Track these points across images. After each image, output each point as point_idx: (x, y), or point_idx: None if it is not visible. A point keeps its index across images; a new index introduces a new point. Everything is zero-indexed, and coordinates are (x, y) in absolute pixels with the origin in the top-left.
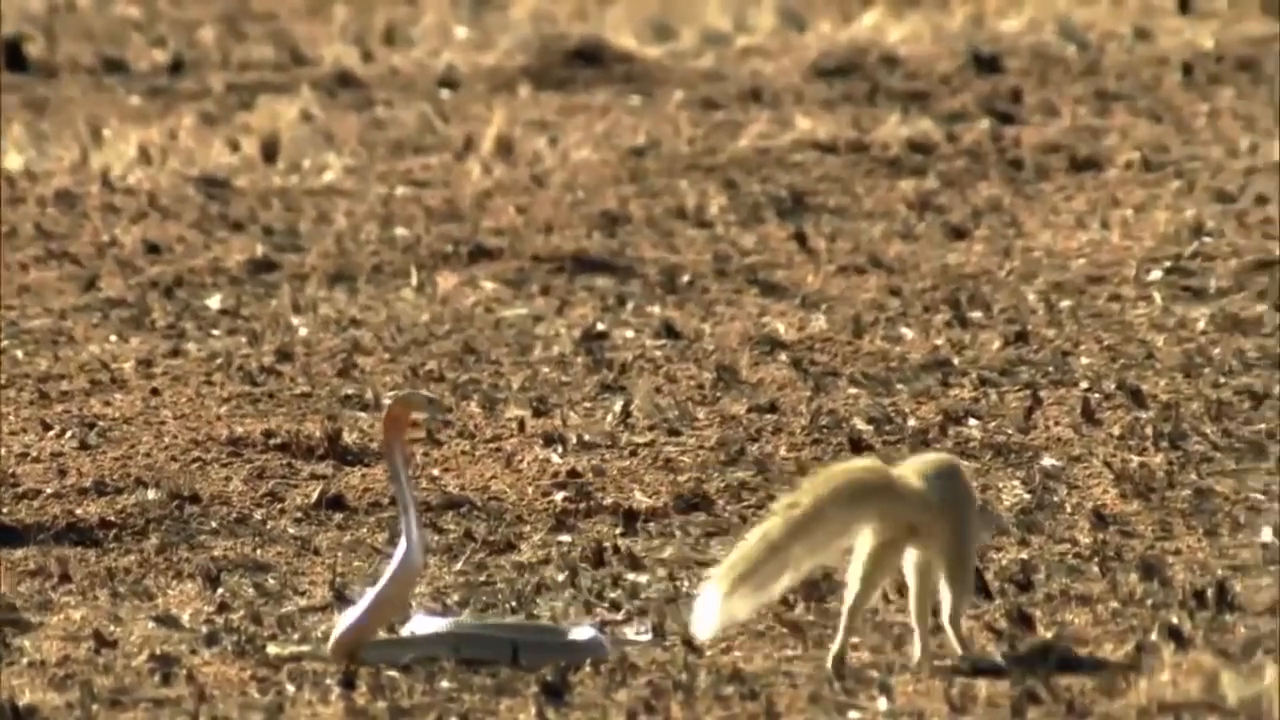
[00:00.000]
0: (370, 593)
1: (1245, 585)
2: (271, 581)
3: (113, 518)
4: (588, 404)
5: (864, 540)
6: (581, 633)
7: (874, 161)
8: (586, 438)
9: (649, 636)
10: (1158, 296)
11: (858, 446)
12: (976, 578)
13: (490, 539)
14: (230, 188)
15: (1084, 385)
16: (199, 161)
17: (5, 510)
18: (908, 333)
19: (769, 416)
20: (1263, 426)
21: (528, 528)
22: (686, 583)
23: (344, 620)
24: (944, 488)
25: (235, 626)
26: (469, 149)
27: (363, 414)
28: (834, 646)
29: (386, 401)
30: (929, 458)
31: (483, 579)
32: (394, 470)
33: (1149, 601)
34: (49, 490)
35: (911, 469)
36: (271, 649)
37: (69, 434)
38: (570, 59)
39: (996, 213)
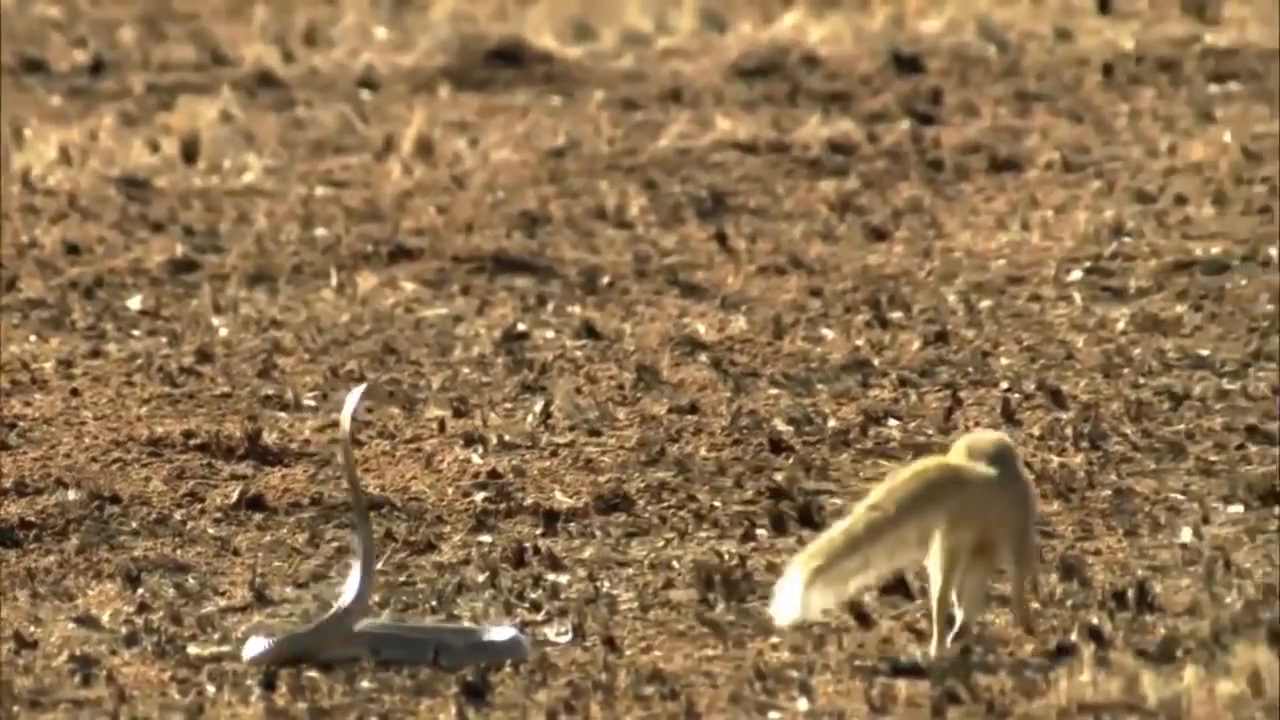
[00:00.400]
0: (305, 626)
1: (1165, 586)
2: (191, 582)
3: (33, 518)
4: (508, 404)
5: (939, 531)
6: (501, 633)
7: (794, 162)
8: (507, 438)
9: (569, 637)
10: (1077, 297)
11: (777, 448)
12: (898, 579)
13: (410, 539)
14: (150, 188)
15: (1004, 386)
16: (119, 162)
17: None
18: (828, 333)
19: (689, 417)
20: (1182, 427)
21: (448, 528)
22: (607, 583)
23: (264, 643)
24: (1006, 468)
25: (155, 627)
26: (389, 149)
27: (283, 414)
28: (932, 645)
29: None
30: (983, 438)
31: (403, 579)
32: (357, 496)
33: (1069, 602)
34: None
35: (972, 453)
36: (192, 649)
37: None
38: (490, 59)
39: (917, 213)
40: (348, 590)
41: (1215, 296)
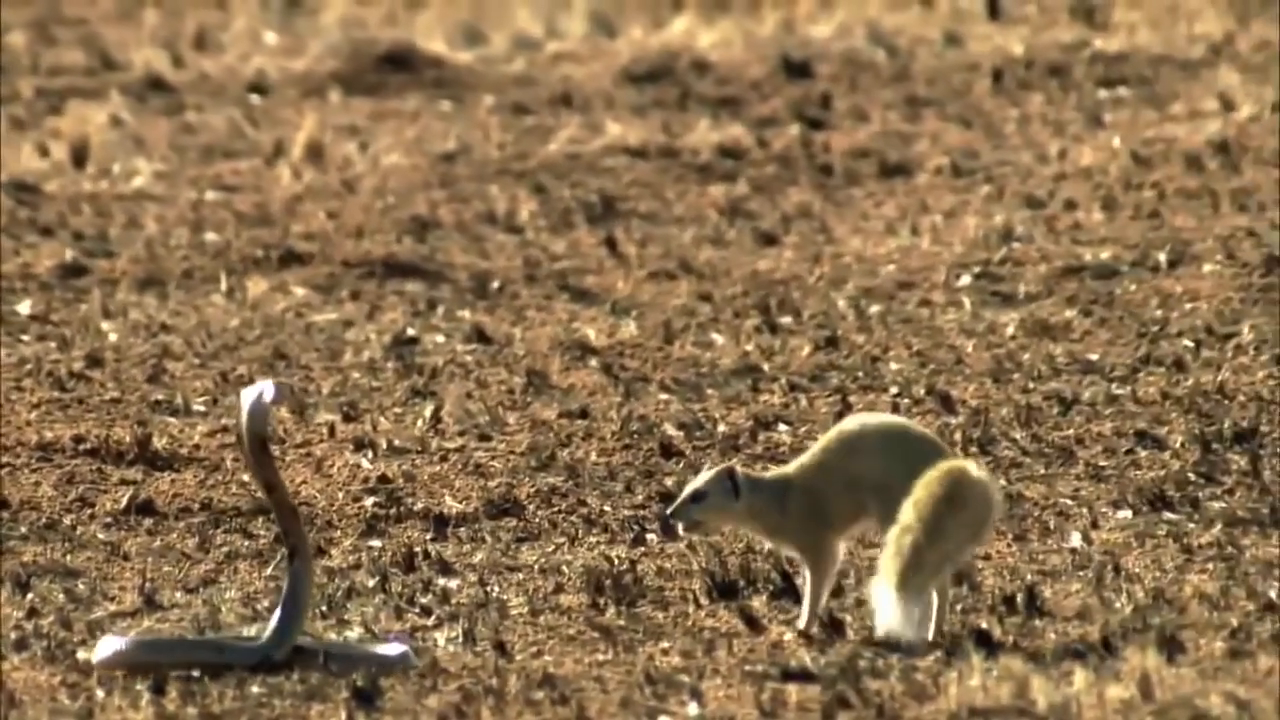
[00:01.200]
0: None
1: (1055, 590)
2: (82, 587)
3: None
4: (398, 409)
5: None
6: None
7: (684, 167)
8: (397, 443)
9: (404, 648)
10: (967, 302)
11: (668, 452)
12: (788, 583)
13: None
14: (40, 193)
15: (894, 390)
16: (8, 166)
17: None
18: (718, 338)
19: (580, 422)
20: (1071, 432)
21: (338, 533)
22: (497, 588)
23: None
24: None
25: (45, 632)
26: (279, 154)
27: (173, 419)
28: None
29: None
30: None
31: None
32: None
33: (959, 606)
34: None
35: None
36: (82, 654)
37: None
38: (381, 64)
39: (807, 218)
40: (273, 626)
41: (1105, 301)
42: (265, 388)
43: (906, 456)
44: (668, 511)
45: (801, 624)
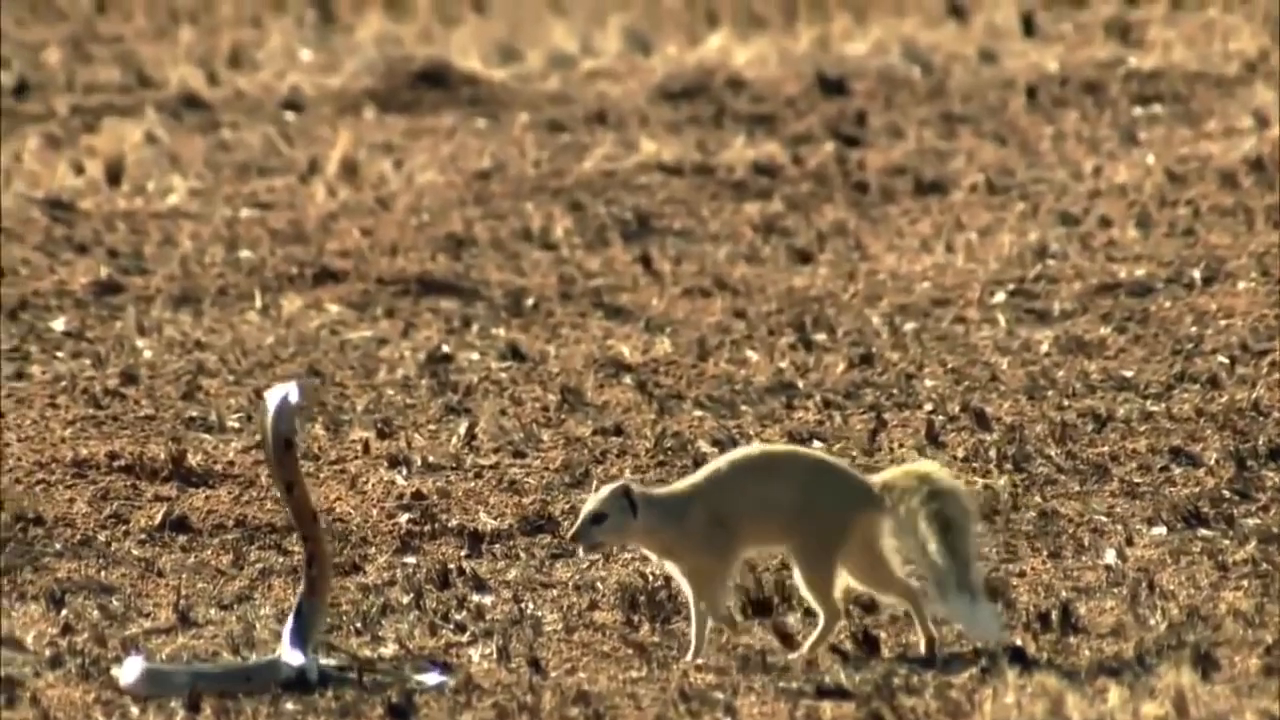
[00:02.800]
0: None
1: (1089, 607)
2: (116, 603)
3: None
4: (432, 426)
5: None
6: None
7: (719, 184)
8: (431, 459)
9: (441, 679)
10: (1002, 319)
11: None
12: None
13: (335, 561)
14: (75, 210)
15: (928, 407)
16: (43, 184)
17: None
18: (753, 355)
19: (614, 439)
20: (1106, 449)
21: (373, 549)
22: (532, 604)
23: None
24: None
25: (79, 649)
26: (314, 172)
27: (207, 436)
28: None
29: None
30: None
31: (329, 601)
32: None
33: (1006, 633)
34: None
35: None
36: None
37: None
38: (416, 81)
39: (842, 236)
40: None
41: (1139, 318)
42: (290, 389)
43: (830, 486)
44: (568, 535)
45: (689, 656)
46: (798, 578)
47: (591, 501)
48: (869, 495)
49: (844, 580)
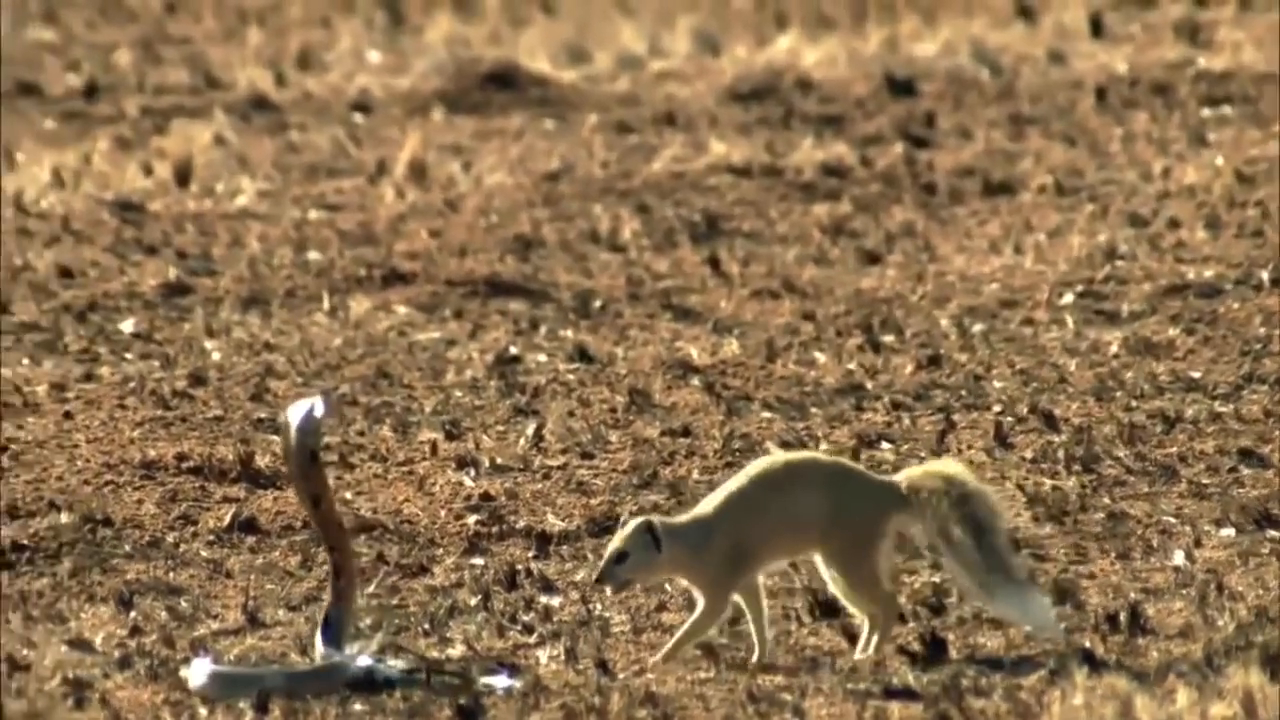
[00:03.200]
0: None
1: (1158, 609)
2: (184, 605)
3: (25, 541)
4: (500, 427)
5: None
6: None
7: (788, 186)
8: (499, 461)
9: (510, 683)
10: (1070, 320)
11: None
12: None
13: (403, 562)
14: (144, 211)
15: (997, 409)
16: (113, 185)
17: None
18: (821, 357)
19: (682, 440)
20: (1175, 450)
21: (440, 551)
22: (599, 606)
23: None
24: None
25: (148, 650)
26: (383, 173)
27: (275, 437)
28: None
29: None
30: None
31: (395, 602)
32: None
33: (1062, 625)
34: None
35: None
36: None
37: None
38: (485, 83)
39: (910, 237)
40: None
41: (1208, 320)
42: (315, 402)
43: (853, 491)
44: (594, 577)
45: (661, 655)
46: (838, 584)
47: (615, 540)
48: (897, 496)
49: (833, 580)
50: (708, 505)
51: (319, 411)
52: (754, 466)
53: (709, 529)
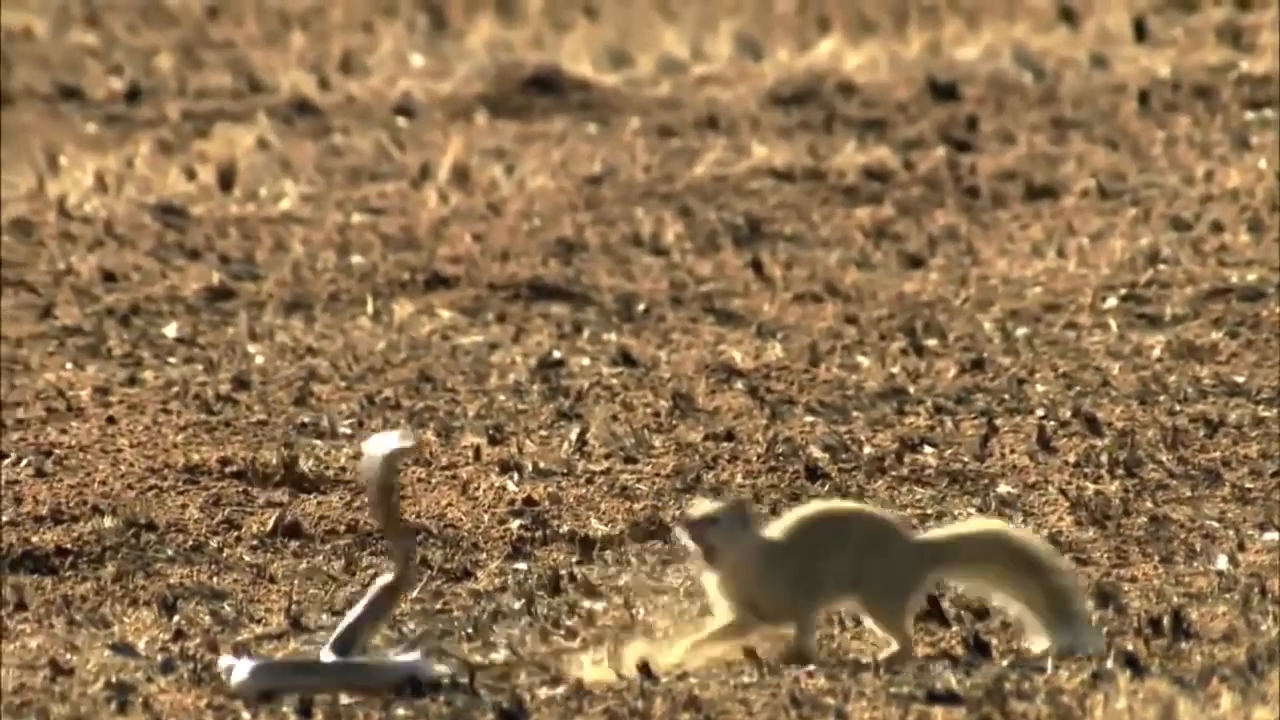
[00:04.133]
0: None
1: (1201, 613)
2: (228, 609)
3: (69, 545)
4: (544, 431)
5: None
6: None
7: (830, 189)
8: (542, 465)
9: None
10: (1113, 324)
11: (814, 475)
12: (933, 606)
13: (446, 566)
14: (187, 216)
15: (1040, 413)
16: (155, 189)
17: None
18: (864, 361)
19: (725, 444)
20: (1218, 454)
21: (484, 555)
22: (643, 610)
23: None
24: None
25: (191, 654)
26: (426, 177)
27: (319, 442)
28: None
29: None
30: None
31: (439, 607)
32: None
33: (1105, 629)
34: (5, 518)
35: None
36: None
37: (25, 462)
38: (527, 87)
39: (953, 241)
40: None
41: (1251, 323)
42: (393, 437)
43: (890, 548)
44: (679, 522)
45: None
46: (868, 622)
47: (708, 505)
48: (935, 554)
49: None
50: (773, 530)
51: (398, 445)
52: (802, 513)
53: (776, 550)
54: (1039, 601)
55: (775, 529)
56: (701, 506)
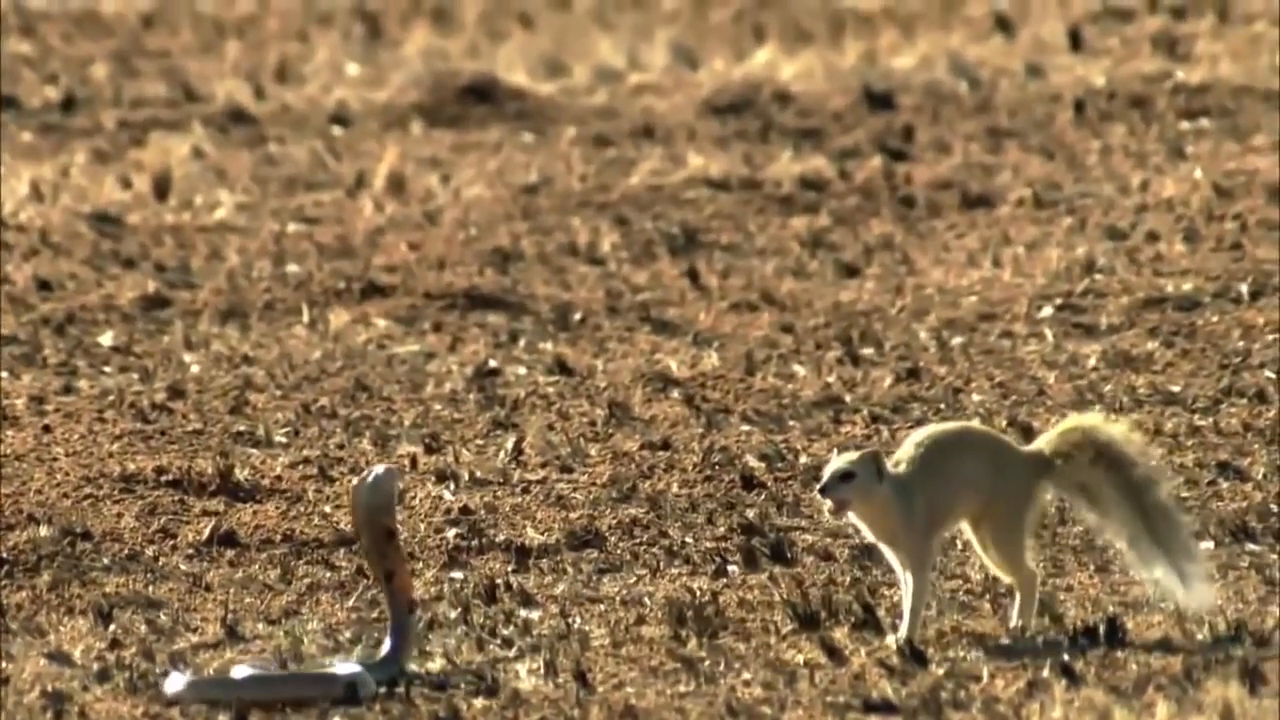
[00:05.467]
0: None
1: (1137, 622)
2: (164, 618)
3: (4, 554)
4: (480, 441)
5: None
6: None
7: (766, 199)
8: (479, 474)
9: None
10: (1049, 333)
11: (749, 484)
12: (869, 615)
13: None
14: (122, 225)
15: (976, 421)
16: (91, 198)
17: None
18: (800, 370)
19: (661, 453)
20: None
21: (420, 564)
22: (579, 619)
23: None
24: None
25: (127, 663)
26: (361, 186)
27: (255, 450)
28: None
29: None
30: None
31: (375, 615)
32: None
33: (1040, 638)
34: None
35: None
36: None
37: None
38: (463, 96)
39: (888, 250)
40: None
41: (1186, 333)
42: (378, 472)
43: (1010, 458)
44: (816, 489)
45: (902, 634)
46: (989, 553)
47: (840, 461)
48: (1044, 463)
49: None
50: (899, 467)
51: (382, 481)
52: (923, 434)
53: (911, 486)
54: (1139, 523)
55: (902, 459)
56: (837, 461)
